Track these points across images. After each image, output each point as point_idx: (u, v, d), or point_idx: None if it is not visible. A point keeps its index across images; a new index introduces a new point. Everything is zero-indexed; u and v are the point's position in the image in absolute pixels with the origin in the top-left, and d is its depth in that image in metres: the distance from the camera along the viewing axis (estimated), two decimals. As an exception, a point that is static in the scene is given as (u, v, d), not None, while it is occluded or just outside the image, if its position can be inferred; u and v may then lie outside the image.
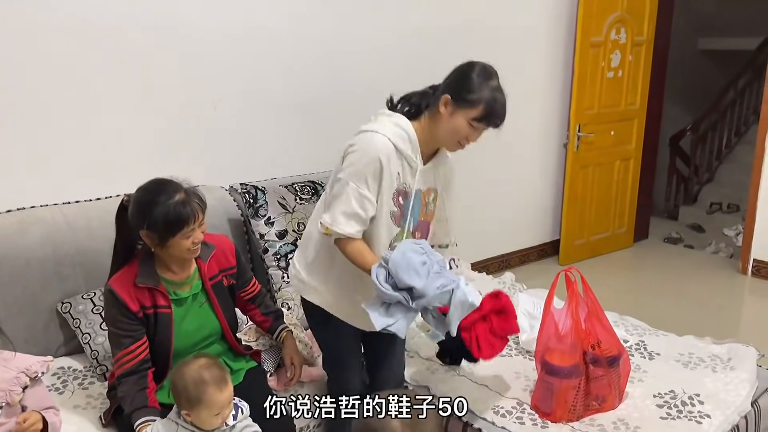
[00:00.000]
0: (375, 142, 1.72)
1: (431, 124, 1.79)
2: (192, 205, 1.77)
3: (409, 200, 1.81)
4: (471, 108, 1.71)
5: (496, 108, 1.72)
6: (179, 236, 1.76)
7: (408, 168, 1.78)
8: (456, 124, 1.73)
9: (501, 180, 4.22)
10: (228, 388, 1.63)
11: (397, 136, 1.75)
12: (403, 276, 1.61)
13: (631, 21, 4.52)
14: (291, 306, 2.61)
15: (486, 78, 1.73)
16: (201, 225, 1.81)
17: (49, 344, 2.24)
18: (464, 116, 1.72)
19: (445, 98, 1.74)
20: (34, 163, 2.45)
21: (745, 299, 4.26)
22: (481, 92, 1.71)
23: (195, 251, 1.83)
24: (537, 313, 2.43)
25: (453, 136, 1.76)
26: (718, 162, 6.52)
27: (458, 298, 1.64)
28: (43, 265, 2.20)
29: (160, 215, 1.73)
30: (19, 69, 2.37)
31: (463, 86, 1.72)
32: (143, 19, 2.61)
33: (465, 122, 1.72)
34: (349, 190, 1.72)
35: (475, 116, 1.72)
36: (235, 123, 2.96)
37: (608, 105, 4.58)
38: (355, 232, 1.74)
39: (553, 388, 1.99)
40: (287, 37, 3.04)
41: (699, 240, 5.40)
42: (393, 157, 1.73)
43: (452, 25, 3.66)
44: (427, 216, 1.90)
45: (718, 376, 2.22)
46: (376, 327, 1.65)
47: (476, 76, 1.72)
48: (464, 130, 1.74)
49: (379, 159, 1.71)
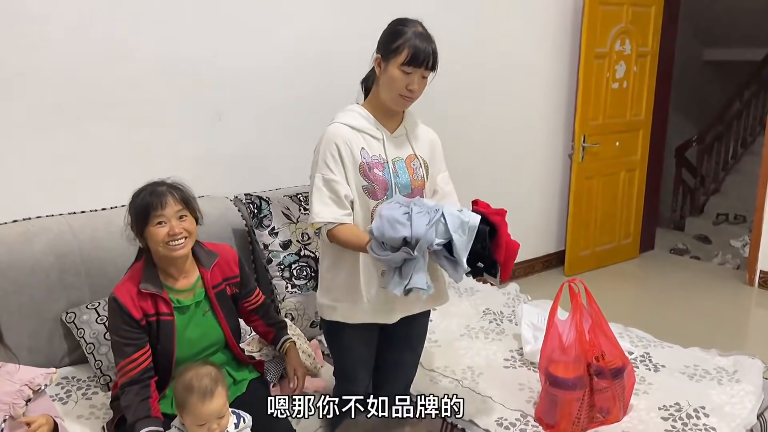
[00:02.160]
0: (326, 132, 1.83)
1: (376, 92, 1.86)
2: (163, 192, 1.79)
3: (387, 170, 1.85)
4: (397, 55, 1.76)
5: (419, 46, 1.76)
6: (152, 224, 1.77)
7: (373, 140, 1.85)
8: (389, 76, 1.79)
9: (505, 190, 4.21)
10: (214, 402, 1.63)
11: (349, 117, 1.85)
12: (391, 233, 1.60)
13: (636, 32, 4.53)
14: (295, 316, 2.61)
15: (405, 25, 1.79)
16: (181, 218, 1.81)
17: (52, 354, 2.24)
18: (395, 66, 1.77)
19: (376, 58, 1.82)
20: (40, 174, 2.47)
21: (751, 311, 4.23)
22: (402, 38, 1.77)
23: (176, 247, 1.79)
24: (541, 325, 2.42)
25: (391, 90, 1.80)
26: (725, 173, 6.51)
27: (453, 223, 1.61)
28: (48, 274, 2.21)
29: (133, 204, 1.81)
30: (25, 80, 2.39)
31: (387, 41, 1.80)
32: (151, 31, 2.64)
33: (397, 71, 1.77)
34: (317, 181, 1.81)
35: (403, 60, 1.76)
36: (240, 133, 2.98)
37: (613, 116, 4.58)
38: (339, 216, 1.79)
39: (557, 400, 1.98)
40: (294, 50, 3.06)
41: (705, 251, 5.37)
42: (350, 135, 1.82)
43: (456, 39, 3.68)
44: (417, 183, 1.91)
45: (724, 388, 2.21)
46: (398, 293, 1.63)
47: (397, 26, 1.80)
48: (399, 80, 1.78)
49: (333, 142, 1.80)
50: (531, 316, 2.57)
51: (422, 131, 1.98)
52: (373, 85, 1.89)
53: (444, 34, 3.46)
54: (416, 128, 1.97)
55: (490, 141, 4.04)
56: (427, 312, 2.11)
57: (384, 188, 1.85)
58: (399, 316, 1.95)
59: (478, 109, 3.94)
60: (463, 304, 2.92)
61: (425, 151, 1.96)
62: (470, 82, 3.85)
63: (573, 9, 4.33)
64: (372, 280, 1.88)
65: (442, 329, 2.70)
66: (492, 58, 3.95)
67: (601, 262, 4.81)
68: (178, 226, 1.80)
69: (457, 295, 3.00)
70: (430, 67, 1.79)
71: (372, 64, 1.86)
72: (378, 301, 1.89)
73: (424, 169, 1.93)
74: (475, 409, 2.13)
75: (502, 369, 2.41)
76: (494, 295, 3.08)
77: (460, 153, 3.58)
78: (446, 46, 3.62)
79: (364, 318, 1.92)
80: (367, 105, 1.91)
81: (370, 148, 1.84)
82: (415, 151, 1.92)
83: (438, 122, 2.15)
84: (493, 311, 2.90)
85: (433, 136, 2.02)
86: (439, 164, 2.02)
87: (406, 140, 1.92)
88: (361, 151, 1.82)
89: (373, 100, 1.89)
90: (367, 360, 2.04)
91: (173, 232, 1.78)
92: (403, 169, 1.88)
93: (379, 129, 1.87)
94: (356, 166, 1.82)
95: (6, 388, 1.61)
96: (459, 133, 3.75)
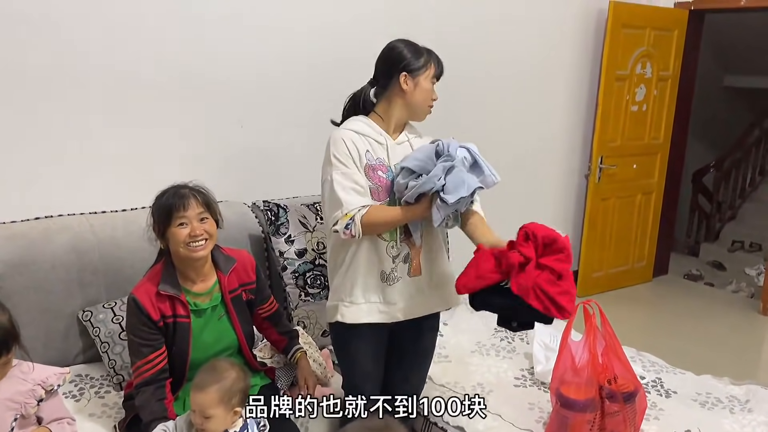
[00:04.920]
0: (332, 136, 1.93)
1: (393, 106, 1.95)
2: (187, 194, 1.83)
3: (390, 173, 1.93)
4: (428, 69, 1.93)
5: (440, 59, 1.98)
6: (174, 225, 1.80)
7: (377, 145, 1.93)
8: (423, 89, 1.94)
9: (521, 208, 4.20)
10: (200, 396, 1.63)
11: (354, 125, 1.94)
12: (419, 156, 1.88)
13: (657, 56, 4.53)
14: (307, 325, 2.62)
15: (413, 44, 1.96)
16: (202, 220, 1.84)
17: (67, 350, 2.26)
18: (425, 79, 1.94)
19: (403, 76, 1.91)
20: (63, 175, 2.50)
21: (765, 340, 4.18)
22: (423, 55, 1.94)
23: (196, 248, 1.82)
24: (553, 345, 2.42)
25: (425, 100, 1.96)
26: (741, 200, 6.46)
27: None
28: (67, 272, 2.24)
29: (157, 205, 1.85)
30: (52, 82, 2.43)
31: (407, 60, 1.92)
32: (174, 38, 2.68)
33: (429, 83, 1.95)
34: (335, 177, 1.86)
35: (434, 73, 1.96)
36: (260, 141, 3.01)
37: (632, 138, 4.58)
38: (369, 201, 1.87)
39: (568, 422, 1.97)
40: (315, 57, 3.10)
41: (719, 278, 5.33)
42: (356, 138, 1.90)
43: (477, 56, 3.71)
44: None
45: (736, 417, 2.19)
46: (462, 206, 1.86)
47: (408, 47, 1.94)
48: (430, 92, 1.96)
49: (341, 139, 1.89)
50: (543, 336, 2.56)
51: (422, 141, 2.03)
52: (381, 100, 1.97)
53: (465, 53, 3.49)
54: (418, 138, 2.03)
55: (506, 158, 4.04)
56: (437, 324, 2.12)
57: (387, 190, 1.91)
58: (404, 316, 1.97)
59: (497, 126, 3.95)
60: (474, 321, 2.92)
61: None
62: (490, 99, 3.86)
63: (595, 30, 4.34)
64: (373, 279, 1.92)
65: (453, 345, 2.69)
66: (512, 76, 3.97)
67: (613, 284, 4.79)
68: (199, 228, 1.82)
69: (468, 311, 2.99)
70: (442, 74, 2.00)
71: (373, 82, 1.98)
72: (382, 301, 1.94)
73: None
74: (485, 426, 2.12)
75: (513, 387, 2.40)
76: (506, 312, 3.07)
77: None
78: (467, 64, 3.70)
79: (369, 317, 1.94)
80: (373, 117, 1.98)
81: (374, 152, 1.91)
82: None
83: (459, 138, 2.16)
84: (504, 329, 2.88)
85: None
86: None
87: (409, 147, 1.98)
88: (366, 154, 1.90)
89: (383, 113, 1.97)
90: (375, 374, 2.05)
91: (194, 233, 1.81)
92: None
93: (383, 135, 1.94)
94: (362, 166, 1.89)
95: (19, 387, 1.62)
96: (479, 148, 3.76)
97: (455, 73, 3.63)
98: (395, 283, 1.93)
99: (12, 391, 1.61)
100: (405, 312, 1.97)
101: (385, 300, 1.94)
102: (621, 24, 4.25)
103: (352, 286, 1.93)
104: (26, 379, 1.64)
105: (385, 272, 1.92)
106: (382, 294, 1.93)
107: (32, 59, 2.36)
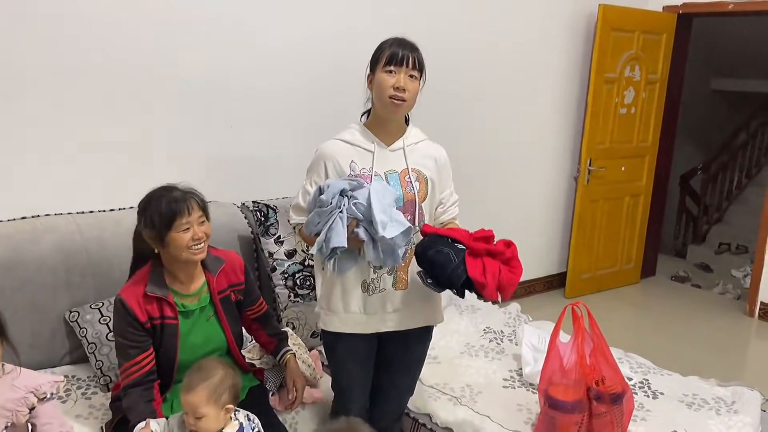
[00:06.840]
0: (319, 149, 1.96)
1: (374, 109, 1.95)
2: (186, 198, 1.81)
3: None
4: (380, 61, 1.88)
5: (397, 47, 1.87)
6: (175, 230, 1.78)
7: (365, 153, 1.92)
8: (377, 83, 1.88)
9: (510, 209, 4.23)
10: (190, 396, 1.62)
11: (346, 134, 1.96)
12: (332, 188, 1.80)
13: (646, 59, 4.56)
14: (296, 325, 2.62)
15: (386, 41, 1.91)
16: (202, 223, 1.83)
17: (54, 351, 2.25)
18: (380, 71, 1.87)
19: (369, 77, 1.93)
20: (50, 174, 2.49)
21: (751, 342, 4.23)
22: (382, 47, 1.90)
23: (197, 251, 1.82)
24: (541, 347, 2.42)
25: (382, 95, 1.87)
26: (728, 203, 6.52)
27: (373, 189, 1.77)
28: (53, 272, 2.22)
29: (156, 210, 1.79)
30: (38, 83, 2.41)
31: (372, 58, 1.92)
32: (164, 40, 2.67)
33: (382, 74, 1.86)
34: (305, 185, 1.95)
35: (384, 62, 1.86)
36: (250, 142, 3.00)
37: (620, 141, 4.61)
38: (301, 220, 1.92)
39: (556, 423, 1.97)
40: (303, 59, 3.10)
41: (706, 280, 5.37)
42: (341, 150, 1.92)
43: (467, 56, 3.72)
44: (409, 195, 1.93)
45: (722, 418, 2.21)
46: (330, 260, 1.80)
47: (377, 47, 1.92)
48: (385, 81, 1.86)
49: (321, 156, 1.93)
50: (532, 337, 2.56)
51: (425, 147, 2.00)
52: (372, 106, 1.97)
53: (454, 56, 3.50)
54: (418, 143, 1.99)
55: (496, 159, 4.07)
56: (427, 336, 2.10)
57: None
58: (391, 328, 1.97)
59: (487, 128, 3.97)
60: (464, 322, 2.92)
61: (426, 166, 1.97)
62: (479, 101, 3.88)
63: (585, 34, 4.37)
64: (354, 288, 1.91)
65: (442, 346, 2.70)
66: (501, 79, 3.98)
67: (601, 285, 4.82)
68: (200, 231, 1.82)
69: (457, 313, 3.00)
70: (413, 65, 1.86)
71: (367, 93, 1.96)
72: (362, 311, 1.93)
73: (422, 183, 1.95)
74: (474, 429, 2.13)
75: (501, 389, 2.41)
76: (495, 313, 3.08)
77: (467, 171, 3.60)
78: (457, 66, 3.71)
79: (347, 328, 1.95)
80: (366, 123, 1.99)
81: (360, 162, 1.90)
82: (409, 165, 1.94)
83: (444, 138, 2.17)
84: (493, 330, 2.90)
85: (439, 153, 2.03)
86: (444, 180, 2.04)
87: (402, 154, 1.95)
88: (350, 164, 1.89)
89: (371, 117, 1.97)
90: (363, 379, 2.05)
91: (197, 237, 1.81)
92: (396, 182, 1.91)
93: (374, 143, 1.92)
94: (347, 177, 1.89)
95: (9, 394, 1.58)
96: (467, 150, 3.78)
97: (444, 75, 3.69)
98: (376, 293, 1.92)
99: (3, 398, 1.57)
100: (388, 324, 1.96)
101: (366, 311, 1.93)
102: (610, 27, 4.28)
103: (333, 295, 1.94)
104: (16, 385, 1.60)
105: (366, 281, 1.91)
106: (364, 304, 1.92)
107: (19, 59, 2.35)
